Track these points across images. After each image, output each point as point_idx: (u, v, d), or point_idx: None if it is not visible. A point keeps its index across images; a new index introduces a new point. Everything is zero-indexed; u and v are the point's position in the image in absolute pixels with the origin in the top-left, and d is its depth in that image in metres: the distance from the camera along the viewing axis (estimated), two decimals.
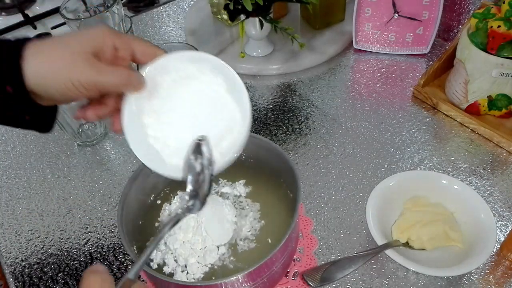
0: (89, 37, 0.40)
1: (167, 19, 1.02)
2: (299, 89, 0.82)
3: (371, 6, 0.84)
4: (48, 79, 0.39)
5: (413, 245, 0.56)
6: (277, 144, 0.59)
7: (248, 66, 0.86)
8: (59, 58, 0.39)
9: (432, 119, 0.75)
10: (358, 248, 0.59)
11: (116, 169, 0.73)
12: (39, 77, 0.39)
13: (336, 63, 0.87)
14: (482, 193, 0.63)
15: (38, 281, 0.60)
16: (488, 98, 0.70)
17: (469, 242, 0.55)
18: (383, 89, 0.81)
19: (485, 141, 0.70)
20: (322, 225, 0.62)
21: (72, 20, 0.76)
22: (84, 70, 0.39)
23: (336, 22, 0.92)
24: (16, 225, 0.67)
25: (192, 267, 0.52)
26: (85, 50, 0.40)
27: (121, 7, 0.78)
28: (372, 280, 0.56)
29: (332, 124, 0.75)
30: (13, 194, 0.71)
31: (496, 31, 0.64)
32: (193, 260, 0.52)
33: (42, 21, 1.15)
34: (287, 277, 0.56)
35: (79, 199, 0.69)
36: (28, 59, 0.39)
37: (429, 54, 0.86)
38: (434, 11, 0.81)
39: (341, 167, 0.69)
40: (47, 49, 0.40)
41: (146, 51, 0.43)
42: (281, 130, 0.75)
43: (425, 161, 0.68)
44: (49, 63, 0.39)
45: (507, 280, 0.55)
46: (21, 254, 0.64)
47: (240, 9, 0.78)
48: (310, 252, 0.59)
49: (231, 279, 0.45)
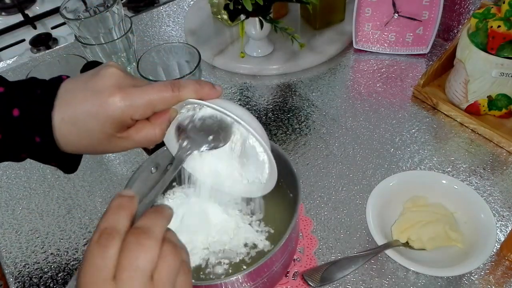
0: (107, 116, 0.40)
1: (167, 19, 1.02)
2: (299, 89, 0.82)
3: (371, 6, 0.84)
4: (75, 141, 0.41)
5: (413, 245, 0.57)
6: (277, 144, 0.59)
7: (248, 66, 0.86)
8: (85, 135, 0.41)
9: (432, 119, 0.75)
10: (358, 248, 0.59)
11: (116, 169, 0.73)
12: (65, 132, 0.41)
13: (336, 63, 0.87)
14: (482, 193, 0.63)
15: (38, 281, 0.60)
16: (488, 98, 0.70)
17: (469, 242, 0.55)
18: (383, 89, 0.81)
19: (485, 141, 0.70)
20: (322, 225, 0.62)
21: (72, 20, 0.76)
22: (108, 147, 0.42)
23: (336, 22, 0.92)
24: (16, 225, 0.67)
25: None
26: (106, 132, 0.41)
27: (121, 7, 0.78)
28: (372, 280, 0.56)
29: (332, 124, 0.75)
30: (13, 194, 0.71)
31: (496, 31, 0.64)
32: None
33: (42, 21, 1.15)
34: (287, 277, 0.56)
35: (79, 199, 0.69)
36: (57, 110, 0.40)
37: (429, 54, 0.86)
38: (434, 11, 0.81)
39: (341, 167, 0.69)
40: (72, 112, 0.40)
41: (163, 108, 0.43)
42: (281, 130, 0.75)
43: (425, 161, 0.68)
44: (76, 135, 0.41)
45: (507, 280, 0.55)
46: (21, 254, 0.64)
47: (240, 9, 0.78)
48: (310, 252, 0.59)
49: (231, 279, 0.45)
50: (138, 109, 0.40)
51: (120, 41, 0.78)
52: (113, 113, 0.39)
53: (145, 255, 0.30)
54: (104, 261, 0.30)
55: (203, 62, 0.86)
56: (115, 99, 0.39)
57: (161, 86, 0.41)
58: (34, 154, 0.42)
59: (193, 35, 0.94)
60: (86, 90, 0.40)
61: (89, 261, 0.30)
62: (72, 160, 0.45)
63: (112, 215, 0.32)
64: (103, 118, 0.39)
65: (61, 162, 0.44)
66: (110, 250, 0.30)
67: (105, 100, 0.39)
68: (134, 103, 0.40)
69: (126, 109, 0.39)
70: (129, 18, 0.80)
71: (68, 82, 0.41)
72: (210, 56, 0.88)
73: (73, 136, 0.41)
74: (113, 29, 0.79)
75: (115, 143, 0.42)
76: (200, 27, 0.96)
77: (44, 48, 1.08)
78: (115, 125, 0.40)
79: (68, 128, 0.40)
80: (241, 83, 0.85)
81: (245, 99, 0.82)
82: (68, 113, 0.40)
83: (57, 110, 0.40)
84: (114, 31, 0.79)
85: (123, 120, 0.40)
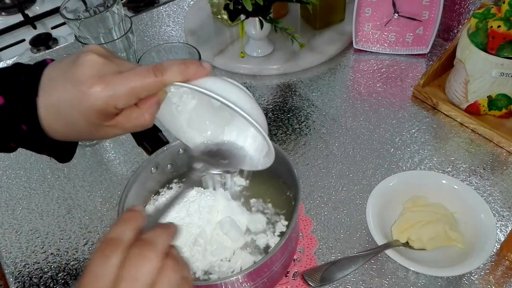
0: (89, 107, 0.38)
1: (167, 19, 1.02)
2: (299, 89, 0.82)
3: (371, 6, 0.84)
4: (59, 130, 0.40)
5: (413, 245, 0.57)
6: (277, 144, 0.59)
7: (248, 66, 0.86)
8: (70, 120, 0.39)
9: (432, 119, 0.75)
10: (358, 248, 0.59)
11: (116, 169, 0.73)
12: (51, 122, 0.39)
13: (336, 63, 0.87)
14: (482, 193, 0.63)
15: (38, 281, 0.60)
16: (488, 98, 0.70)
17: (469, 242, 0.55)
18: (383, 89, 0.81)
19: (485, 141, 0.70)
20: (322, 225, 0.62)
21: (72, 20, 0.75)
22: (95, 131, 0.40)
23: (336, 22, 0.92)
24: (16, 225, 0.67)
25: None
26: (92, 121, 0.39)
27: (121, 7, 0.78)
28: (372, 280, 0.56)
29: (332, 124, 0.75)
30: (13, 194, 0.71)
31: (496, 31, 0.64)
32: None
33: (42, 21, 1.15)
34: (287, 277, 0.56)
35: (79, 199, 0.69)
36: (41, 98, 0.38)
37: (429, 54, 0.85)
38: (434, 11, 0.81)
39: (341, 167, 0.69)
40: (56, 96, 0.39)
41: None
42: (281, 130, 0.75)
43: (425, 161, 0.68)
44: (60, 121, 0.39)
45: (507, 280, 0.55)
46: (21, 254, 0.64)
47: (240, 9, 0.78)
48: (310, 252, 0.59)
49: (231, 279, 0.45)
50: (120, 98, 0.38)
51: (120, 41, 0.78)
52: (95, 105, 0.37)
53: (145, 267, 0.30)
54: (105, 270, 0.30)
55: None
56: (96, 90, 0.37)
57: (143, 71, 0.38)
58: (23, 143, 0.41)
59: (193, 35, 0.94)
60: (66, 80, 0.38)
61: (90, 270, 0.30)
62: (65, 149, 0.44)
63: (119, 226, 0.32)
64: (85, 109, 0.38)
65: (53, 150, 0.43)
66: (112, 260, 0.30)
67: (86, 91, 0.37)
68: (116, 92, 0.37)
69: (108, 99, 0.37)
70: (129, 18, 0.80)
71: (51, 68, 0.40)
72: (210, 56, 0.88)
73: (58, 125, 0.40)
74: (113, 29, 0.79)
75: (104, 131, 0.41)
76: (200, 27, 0.96)
77: (44, 48, 1.08)
78: (99, 115, 0.38)
79: (52, 117, 0.39)
80: (241, 83, 0.84)
81: None
82: (51, 103, 0.38)
83: (41, 98, 0.38)
84: (114, 31, 0.79)
85: (107, 110, 0.38)
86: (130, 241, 0.32)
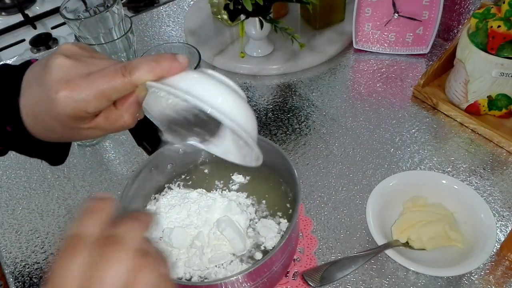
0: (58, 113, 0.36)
1: (167, 19, 1.02)
2: (299, 89, 0.82)
3: (371, 6, 0.84)
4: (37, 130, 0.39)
5: (413, 245, 0.57)
6: (277, 144, 0.59)
7: (248, 66, 0.86)
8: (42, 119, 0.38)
9: (432, 119, 0.75)
10: (358, 248, 0.59)
11: (116, 169, 0.73)
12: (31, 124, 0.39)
13: (336, 63, 0.87)
14: (482, 193, 0.63)
15: (38, 281, 0.60)
16: (488, 98, 0.70)
17: (469, 242, 0.55)
18: (383, 89, 0.81)
19: (485, 141, 0.70)
20: (322, 225, 0.62)
21: (72, 20, 0.76)
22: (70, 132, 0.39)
23: (336, 22, 0.92)
24: (16, 225, 0.67)
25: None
26: (68, 125, 0.38)
27: (121, 7, 0.78)
28: (372, 280, 0.56)
29: (332, 124, 0.75)
30: (13, 194, 0.71)
31: (496, 31, 0.64)
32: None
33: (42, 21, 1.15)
34: (287, 277, 0.56)
35: (79, 199, 0.69)
36: (21, 99, 0.38)
37: (429, 54, 0.85)
38: (434, 11, 0.81)
39: (341, 167, 0.69)
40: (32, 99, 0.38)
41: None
42: (281, 130, 0.75)
43: (425, 161, 0.68)
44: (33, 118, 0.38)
45: (507, 280, 0.55)
46: (21, 254, 0.64)
47: (240, 9, 0.78)
48: (310, 252, 0.59)
49: (231, 279, 0.45)
50: (90, 102, 0.36)
51: (120, 41, 0.78)
52: (64, 111, 0.36)
53: (114, 268, 0.27)
54: (69, 272, 0.27)
55: (203, 62, 0.86)
56: (62, 95, 0.35)
57: (110, 72, 0.36)
58: (10, 145, 0.41)
59: (193, 35, 0.94)
60: (38, 84, 0.37)
61: (55, 271, 0.27)
62: (56, 151, 0.43)
63: (83, 220, 0.29)
64: (56, 115, 0.36)
65: (43, 153, 0.42)
66: (76, 260, 0.27)
67: (54, 97, 0.35)
68: (83, 97, 0.35)
69: (76, 104, 0.35)
70: (129, 18, 0.80)
71: (30, 70, 0.39)
72: (210, 56, 0.88)
73: (38, 128, 0.39)
74: (113, 29, 0.79)
75: (85, 133, 0.39)
76: (200, 27, 0.96)
77: (44, 48, 1.08)
78: (72, 120, 0.37)
79: (32, 120, 0.38)
80: (241, 83, 0.85)
81: None
82: (29, 106, 0.38)
83: (21, 99, 0.38)
84: (114, 31, 0.79)
85: (78, 115, 0.36)
86: (95, 236, 0.28)
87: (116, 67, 0.36)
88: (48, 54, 0.38)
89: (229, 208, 0.55)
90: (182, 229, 0.54)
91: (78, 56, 0.37)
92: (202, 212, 0.55)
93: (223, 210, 0.55)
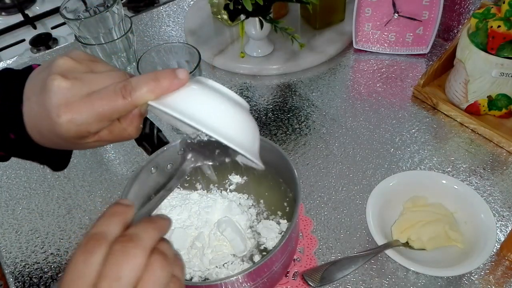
0: (61, 135, 0.36)
1: (167, 19, 1.02)
2: (299, 89, 0.82)
3: (371, 6, 0.84)
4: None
5: (413, 245, 0.57)
6: (277, 144, 0.59)
7: (248, 66, 0.86)
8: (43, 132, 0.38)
9: (432, 119, 0.75)
10: (358, 248, 0.59)
11: (116, 169, 0.73)
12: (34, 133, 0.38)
13: (336, 63, 0.87)
14: (482, 193, 0.63)
15: (38, 281, 0.60)
16: (488, 98, 0.70)
17: (469, 242, 0.55)
18: (383, 89, 0.81)
19: (485, 141, 0.70)
20: (322, 225, 0.62)
21: (72, 20, 0.76)
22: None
23: (336, 22, 0.92)
24: (16, 225, 0.67)
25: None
26: (73, 141, 0.38)
27: (121, 7, 0.78)
28: (372, 280, 0.56)
29: (332, 124, 0.75)
30: (13, 194, 0.71)
31: (496, 31, 0.64)
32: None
33: (42, 21, 1.15)
34: (287, 277, 0.56)
35: (79, 199, 0.69)
36: (24, 107, 0.37)
37: (429, 54, 0.85)
38: (434, 11, 0.81)
39: (341, 167, 0.69)
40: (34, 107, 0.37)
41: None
42: (281, 130, 0.75)
43: (425, 161, 0.68)
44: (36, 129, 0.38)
45: (507, 280, 0.55)
46: (21, 254, 0.64)
47: (240, 9, 0.78)
48: (310, 252, 0.59)
49: (231, 279, 0.45)
50: (91, 125, 0.36)
51: (120, 41, 0.78)
52: (67, 133, 0.36)
53: (129, 264, 0.28)
54: (87, 267, 0.28)
55: (203, 62, 0.86)
56: (64, 120, 0.35)
57: (110, 94, 0.35)
58: (12, 151, 0.41)
59: (193, 35, 0.94)
60: (38, 104, 0.37)
61: (72, 267, 0.29)
62: (58, 157, 0.43)
63: (104, 221, 0.30)
64: (60, 135, 0.36)
65: (45, 159, 0.42)
66: (95, 256, 0.28)
67: (55, 120, 0.35)
68: (84, 120, 0.35)
69: (78, 128, 0.36)
70: (129, 18, 0.80)
71: (31, 78, 0.38)
72: (210, 56, 0.88)
73: (42, 141, 0.39)
74: (113, 29, 0.79)
75: (89, 145, 0.39)
76: (200, 27, 0.96)
77: (44, 48, 1.08)
78: (76, 139, 0.37)
79: (36, 135, 0.38)
80: (241, 83, 0.85)
81: (245, 99, 0.81)
82: (32, 122, 0.38)
83: (24, 106, 0.37)
84: (114, 31, 0.79)
85: (81, 135, 0.37)
86: (115, 236, 0.30)
87: (116, 88, 0.35)
88: (48, 61, 0.38)
89: (229, 209, 0.55)
90: (182, 230, 0.54)
91: (75, 73, 0.37)
92: (202, 213, 0.55)
93: (224, 211, 0.55)
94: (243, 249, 0.52)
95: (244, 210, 0.56)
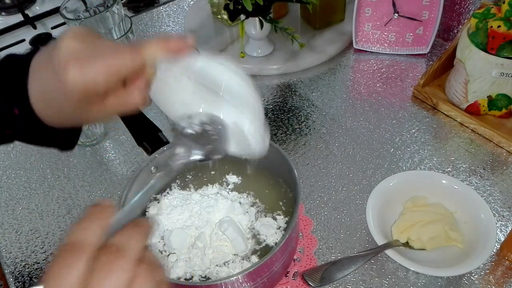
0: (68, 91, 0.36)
1: (167, 19, 1.02)
2: (299, 89, 0.82)
3: (371, 6, 0.84)
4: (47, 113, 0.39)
5: (413, 245, 0.56)
6: (277, 144, 0.59)
7: (248, 66, 0.86)
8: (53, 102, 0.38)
9: (432, 119, 0.75)
10: (358, 248, 0.59)
11: (116, 169, 0.73)
12: (40, 107, 0.38)
13: (336, 63, 0.87)
14: (482, 193, 0.63)
15: (38, 281, 0.60)
16: (488, 98, 0.70)
17: (469, 242, 0.55)
18: (383, 89, 0.81)
19: (485, 141, 0.70)
20: (322, 225, 0.62)
21: (72, 20, 0.76)
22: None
23: (336, 22, 0.92)
24: (16, 225, 0.67)
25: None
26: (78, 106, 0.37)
27: (121, 7, 0.78)
28: (372, 280, 0.56)
29: (332, 124, 0.75)
30: (13, 194, 0.71)
31: (496, 31, 0.64)
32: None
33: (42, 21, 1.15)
34: (287, 277, 0.56)
35: (79, 199, 0.69)
36: (30, 81, 0.37)
37: (429, 54, 0.85)
38: (434, 11, 0.81)
39: (341, 167, 0.69)
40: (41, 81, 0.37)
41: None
42: (281, 130, 0.75)
43: (425, 161, 0.68)
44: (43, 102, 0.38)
45: (507, 280, 0.55)
46: (21, 254, 0.64)
47: (240, 9, 0.78)
48: (310, 252, 0.59)
49: (231, 279, 0.45)
50: (98, 79, 0.35)
51: (120, 41, 0.78)
52: (74, 87, 0.35)
53: (116, 277, 0.27)
54: (68, 281, 0.26)
55: None
56: (71, 72, 0.35)
57: (119, 48, 0.36)
58: (18, 130, 0.40)
59: (193, 35, 0.94)
60: (48, 65, 0.36)
61: (52, 280, 0.26)
62: (67, 135, 0.42)
63: (83, 226, 0.28)
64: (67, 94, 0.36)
65: (52, 138, 0.42)
66: (76, 269, 0.26)
67: (63, 75, 0.35)
68: (92, 73, 0.35)
69: (86, 80, 0.35)
70: (129, 18, 0.80)
71: (40, 53, 0.38)
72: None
73: (48, 112, 0.38)
74: (113, 29, 0.79)
75: (95, 115, 0.39)
76: (200, 27, 0.96)
77: None
78: (82, 98, 0.36)
79: (41, 103, 0.38)
80: None
81: None
82: (37, 89, 0.38)
83: (30, 81, 0.37)
84: (114, 31, 0.79)
85: (87, 92, 0.36)
86: (95, 243, 0.28)
87: (126, 45, 0.36)
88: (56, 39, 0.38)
89: (232, 208, 0.55)
90: (182, 230, 0.54)
91: (87, 38, 0.37)
92: (203, 213, 0.55)
93: (226, 211, 0.55)
94: (244, 249, 0.52)
95: (246, 211, 0.56)
